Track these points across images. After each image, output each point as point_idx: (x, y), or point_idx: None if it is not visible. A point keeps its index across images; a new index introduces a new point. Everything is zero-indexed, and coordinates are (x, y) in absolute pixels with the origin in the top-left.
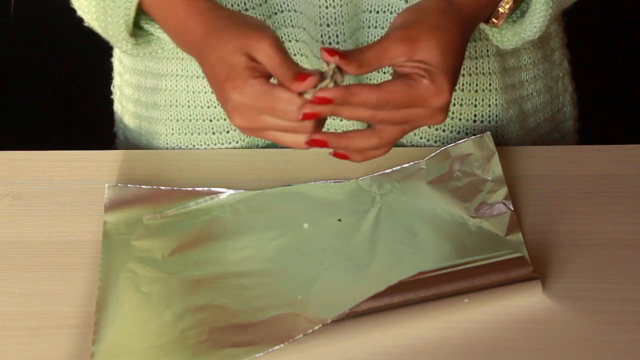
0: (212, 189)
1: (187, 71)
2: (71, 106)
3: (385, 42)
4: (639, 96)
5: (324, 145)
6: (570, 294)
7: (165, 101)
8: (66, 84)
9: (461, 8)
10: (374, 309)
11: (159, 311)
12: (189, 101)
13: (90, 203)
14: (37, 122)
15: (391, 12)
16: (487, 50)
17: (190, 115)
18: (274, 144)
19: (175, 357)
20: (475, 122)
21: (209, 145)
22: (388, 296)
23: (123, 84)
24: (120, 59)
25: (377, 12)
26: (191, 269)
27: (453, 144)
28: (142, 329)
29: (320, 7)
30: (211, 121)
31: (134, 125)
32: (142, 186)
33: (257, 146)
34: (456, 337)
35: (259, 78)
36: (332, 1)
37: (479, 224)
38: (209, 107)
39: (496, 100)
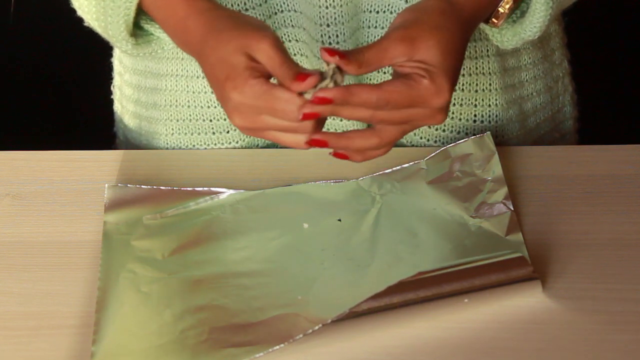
0: (212, 189)
1: (187, 71)
2: (71, 106)
3: (385, 42)
4: (639, 96)
5: (324, 145)
6: (570, 294)
7: (165, 101)
8: (66, 84)
9: (461, 8)
10: (374, 309)
11: (159, 311)
12: (189, 101)
13: (90, 203)
14: (37, 122)
15: (391, 12)
16: (487, 50)
17: (190, 115)
18: (273, 144)
19: (175, 357)
20: (475, 122)
21: (208, 145)
22: (388, 296)
23: (123, 84)
24: (120, 59)
25: (377, 12)
26: (191, 269)
27: (453, 144)
28: (142, 329)
29: (320, 7)
30: (211, 121)
31: (134, 125)
32: (142, 186)
33: (257, 146)
34: (456, 337)
35: (259, 78)
36: (332, 1)
37: (479, 224)
38: (209, 107)
39: (496, 100)
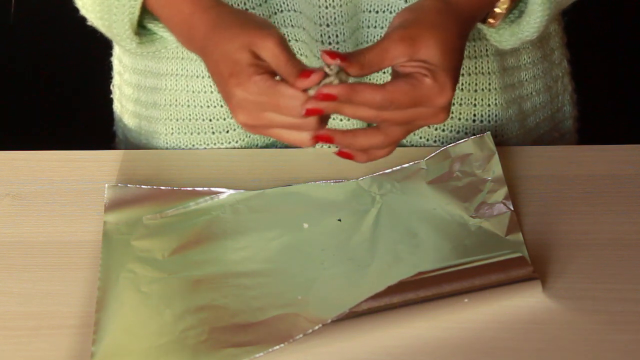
0: (212, 189)
1: (187, 71)
2: (71, 106)
3: (386, 42)
4: (639, 96)
5: (330, 140)
6: (570, 294)
7: (165, 100)
8: (66, 83)
9: (458, 7)
10: (374, 309)
11: (159, 311)
12: (188, 101)
13: (90, 203)
14: (37, 122)
15: (390, 12)
16: (486, 49)
17: (190, 115)
18: (273, 144)
19: (175, 357)
20: (474, 121)
21: (208, 145)
22: (388, 296)
23: (123, 83)
24: (120, 58)
25: (377, 12)
26: (191, 269)
27: (453, 144)
28: (142, 329)
29: (320, 7)
30: (211, 121)
31: (133, 124)
32: (142, 186)
33: (257, 146)
34: (456, 337)
35: (263, 74)
36: (332, 1)
37: (479, 224)
38: (208, 107)
39: (495, 99)
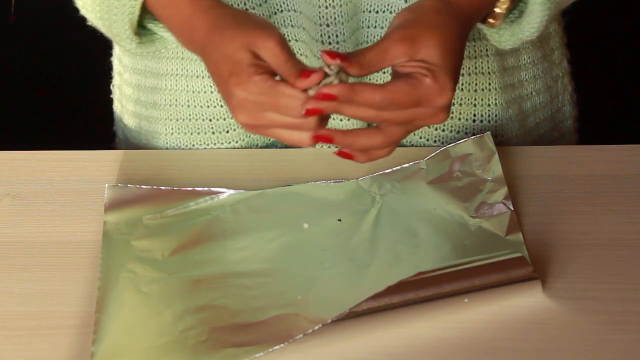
0: (212, 189)
1: (187, 70)
2: (71, 106)
3: (386, 43)
4: (639, 96)
5: (330, 140)
6: (570, 294)
7: (165, 100)
8: (66, 83)
9: (457, 7)
10: (374, 309)
11: (159, 311)
12: (188, 100)
13: (90, 203)
14: (37, 122)
15: (390, 12)
16: (486, 49)
17: (190, 115)
18: (273, 144)
19: (175, 357)
20: (474, 121)
21: (208, 145)
22: (388, 296)
23: (123, 83)
24: (120, 58)
25: (377, 12)
26: (191, 269)
27: (453, 144)
28: (142, 329)
29: (319, 7)
30: (211, 121)
31: (133, 124)
32: (142, 186)
33: (257, 146)
34: (456, 337)
35: (263, 74)
36: (332, 1)
37: (479, 224)
38: (208, 107)
39: (495, 99)
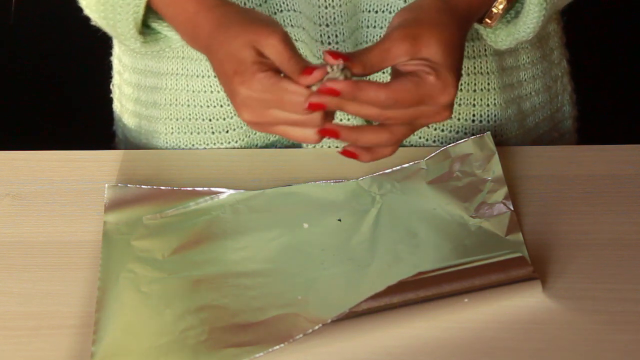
0: (212, 189)
1: (187, 70)
2: (71, 106)
3: (387, 42)
4: (638, 96)
5: (336, 135)
6: (570, 294)
7: (165, 100)
8: (66, 83)
9: (456, 6)
10: (374, 309)
11: (159, 311)
12: (188, 100)
13: (90, 203)
14: (37, 122)
15: (390, 12)
16: (485, 49)
17: (190, 115)
18: (273, 144)
19: (175, 357)
20: (474, 121)
21: (208, 145)
22: (388, 296)
23: (122, 82)
24: (120, 57)
25: (376, 11)
26: (191, 269)
27: (453, 144)
28: (142, 329)
29: (319, 7)
30: (210, 120)
31: (133, 124)
32: (142, 186)
33: (257, 146)
34: (456, 337)
35: (266, 72)
36: (332, 1)
37: (479, 224)
38: (208, 107)
39: (495, 99)
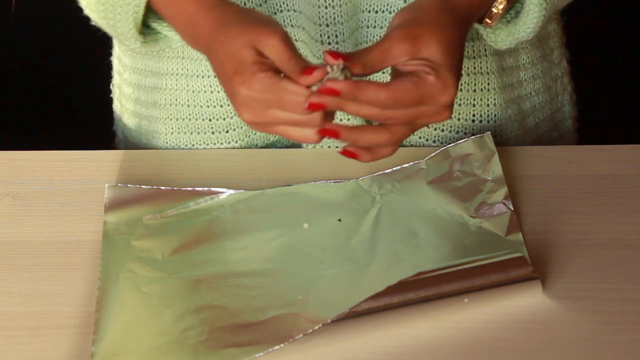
0: (212, 189)
1: (187, 70)
2: (71, 106)
3: (387, 42)
4: (638, 96)
5: (336, 135)
6: (570, 294)
7: (165, 100)
8: (66, 83)
9: (456, 6)
10: (374, 309)
11: (159, 311)
12: (188, 100)
13: (90, 203)
14: (37, 122)
15: (390, 12)
16: (485, 49)
17: (190, 115)
18: (273, 144)
19: (175, 357)
20: (474, 121)
21: (208, 145)
22: (388, 296)
23: (122, 82)
24: (120, 57)
25: (376, 11)
26: (191, 269)
27: (453, 144)
28: (142, 329)
29: (319, 7)
30: (210, 120)
31: (133, 124)
32: (142, 186)
33: (257, 146)
34: (456, 337)
35: (266, 72)
36: (332, 1)
37: (479, 224)
38: (208, 107)
39: (495, 99)
